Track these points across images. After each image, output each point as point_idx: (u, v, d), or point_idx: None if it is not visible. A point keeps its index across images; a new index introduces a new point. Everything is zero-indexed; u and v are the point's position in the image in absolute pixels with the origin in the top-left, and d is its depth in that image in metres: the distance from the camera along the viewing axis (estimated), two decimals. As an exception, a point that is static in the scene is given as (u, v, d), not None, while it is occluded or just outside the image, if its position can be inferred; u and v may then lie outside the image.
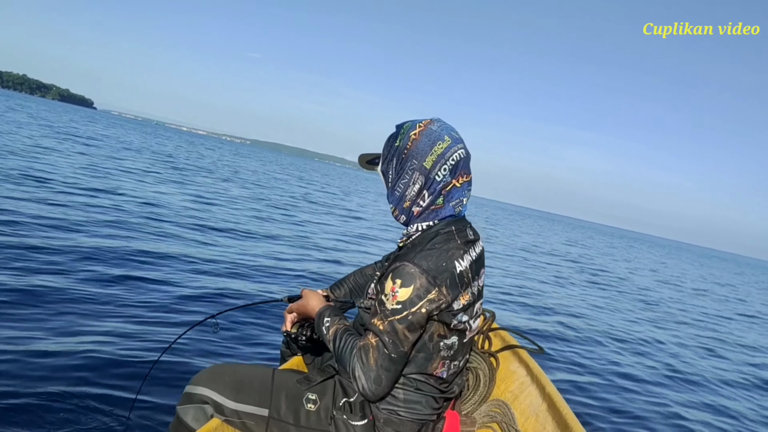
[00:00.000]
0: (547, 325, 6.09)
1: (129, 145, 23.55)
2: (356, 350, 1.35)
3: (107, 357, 2.77)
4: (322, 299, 1.59)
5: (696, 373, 5.56)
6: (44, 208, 6.15)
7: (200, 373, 1.53)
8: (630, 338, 6.52)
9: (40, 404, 2.26)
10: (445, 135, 1.36)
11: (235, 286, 4.72)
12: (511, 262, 12.20)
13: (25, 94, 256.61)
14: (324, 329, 1.47)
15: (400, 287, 1.27)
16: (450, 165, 1.34)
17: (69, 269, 4.07)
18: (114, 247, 5.06)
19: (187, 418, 1.50)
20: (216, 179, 16.56)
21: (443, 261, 1.30)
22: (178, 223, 7.22)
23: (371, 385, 1.32)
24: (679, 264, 33.69)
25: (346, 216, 14.43)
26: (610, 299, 9.65)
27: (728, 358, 6.76)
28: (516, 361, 2.27)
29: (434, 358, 1.37)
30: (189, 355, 3.06)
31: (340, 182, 41.92)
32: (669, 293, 13.42)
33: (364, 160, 1.55)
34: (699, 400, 4.64)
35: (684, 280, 19.45)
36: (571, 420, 1.74)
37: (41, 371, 2.51)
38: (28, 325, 2.99)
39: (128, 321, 3.36)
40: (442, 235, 1.35)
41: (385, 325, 1.28)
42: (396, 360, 1.31)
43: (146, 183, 11.11)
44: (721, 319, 10.61)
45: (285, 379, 1.52)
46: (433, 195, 1.36)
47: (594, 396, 4.06)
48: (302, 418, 1.44)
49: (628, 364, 5.26)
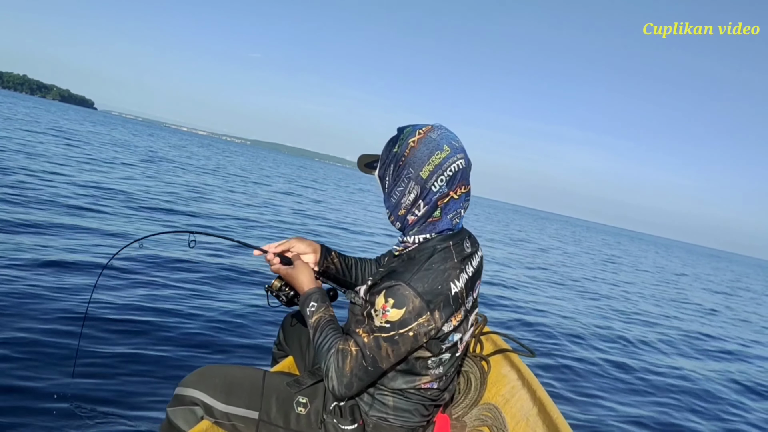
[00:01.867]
0: (538, 326, 6.11)
1: (97, 139, 23.41)
2: (334, 351, 1.33)
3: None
4: (312, 276, 1.54)
5: (683, 368, 5.60)
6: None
7: (190, 375, 1.53)
8: (617, 336, 6.55)
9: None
10: (444, 144, 1.31)
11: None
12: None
13: (26, 95, 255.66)
14: (308, 312, 1.45)
15: (392, 307, 1.24)
16: (447, 176, 1.30)
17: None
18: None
19: (177, 420, 1.50)
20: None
21: (438, 284, 1.27)
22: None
23: (341, 389, 1.32)
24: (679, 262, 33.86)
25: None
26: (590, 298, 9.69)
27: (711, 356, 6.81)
28: (507, 364, 2.28)
29: (422, 375, 1.37)
30: (180, 355, 3.06)
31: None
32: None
33: (362, 162, 1.51)
34: (691, 402, 4.67)
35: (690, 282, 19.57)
36: (561, 424, 1.75)
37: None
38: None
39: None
40: (440, 252, 1.32)
41: (370, 339, 1.27)
42: (371, 373, 1.31)
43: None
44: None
45: (276, 381, 1.51)
46: (428, 205, 1.32)
47: (584, 399, 4.07)
48: (292, 422, 1.44)
49: (620, 364, 5.29)
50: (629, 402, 4.30)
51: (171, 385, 1.97)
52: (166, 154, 23.86)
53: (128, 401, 2.46)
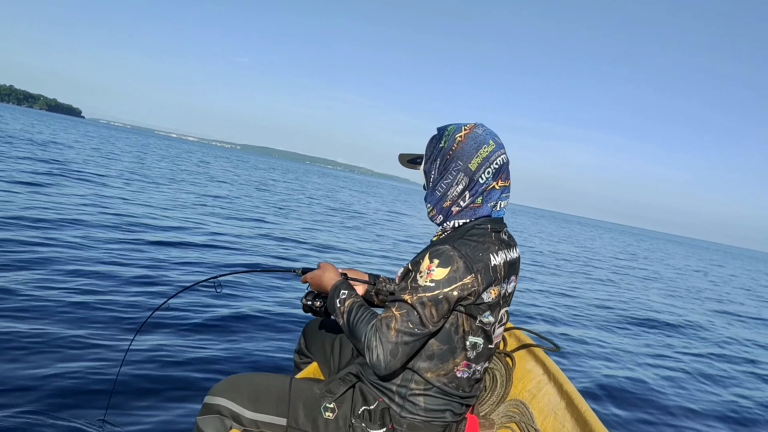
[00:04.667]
0: (562, 320, 6.05)
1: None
2: (375, 321, 1.35)
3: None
4: (337, 272, 1.61)
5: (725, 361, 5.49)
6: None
7: (219, 384, 1.55)
8: (651, 326, 6.46)
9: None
10: (490, 139, 1.40)
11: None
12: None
13: (12, 105, 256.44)
14: (338, 302, 1.47)
15: (437, 267, 1.28)
16: (494, 168, 1.39)
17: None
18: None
19: (206, 429, 1.51)
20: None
21: (480, 251, 1.33)
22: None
23: (387, 356, 1.31)
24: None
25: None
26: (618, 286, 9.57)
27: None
28: (532, 360, 2.26)
29: (458, 353, 1.37)
30: (207, 366, 3.09)
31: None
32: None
33: (405, 159, 1.59)
34: (725, 394, 4.58)
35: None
36: (590, 417, 1.73)
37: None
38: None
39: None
40: (478, 229, 1.38)
41: (414, 299, 1.29)
42: (417, 336, 1.31)
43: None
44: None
45: (302, 387, 1.52)
46: (474, 195, 1.40)
47: (613, 393, 4.02)
48: (321, 427, 1.45)
49: (647, 357, 5.21)
50: (661, 394, 4.23)
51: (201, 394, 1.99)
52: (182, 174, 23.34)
53: (157, 411, 2.49)
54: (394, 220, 17.90)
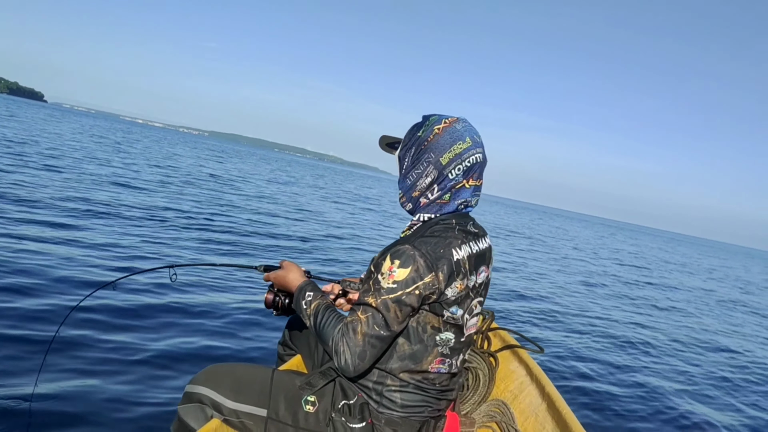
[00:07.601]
0: (543, 320, 6.09)
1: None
2: (341, 325, 1.35)
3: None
4: (302, 272, 1.61)
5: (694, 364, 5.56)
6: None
7: (200, 373, 1.55)
8: (625, 335, 6.52)
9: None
10: (467, 136, 1.39)
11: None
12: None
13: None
14: (304, 303, 1.48)
15: (398, 267, 1.28)
16: (465, 166, 1.38)
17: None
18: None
19: (187, 418, 1.51)
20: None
21: (441, 248, 1.32)
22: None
23: (355, 360, 1.32)
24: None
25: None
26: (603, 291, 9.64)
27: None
28: (515, 360, 2.27)
29: (429, 351, 1.37)
30: (188, 356, 3.08)
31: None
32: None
33: (384, 142, 1.59)
34: (705, 399, 4.64)
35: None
36: (570, 420, 1.74)
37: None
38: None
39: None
40: (442, 224, 1.39)
41: (378, 302, 1.30)
42: (383, 338, 1.32)
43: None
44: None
45: (284, 379, 1.52)
46: (442, 191, 1.39)
47: (593, 395, 4.06)
48: (301, 420, 1.45)
49: (627, 361, 5.26)
50: (640, 398, 4.28)
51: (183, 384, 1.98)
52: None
53: (140, 400, 2.47)
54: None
